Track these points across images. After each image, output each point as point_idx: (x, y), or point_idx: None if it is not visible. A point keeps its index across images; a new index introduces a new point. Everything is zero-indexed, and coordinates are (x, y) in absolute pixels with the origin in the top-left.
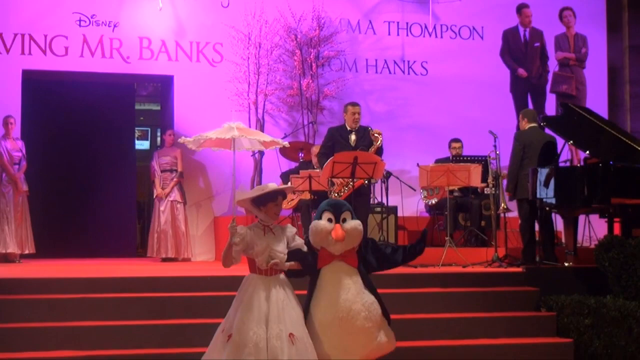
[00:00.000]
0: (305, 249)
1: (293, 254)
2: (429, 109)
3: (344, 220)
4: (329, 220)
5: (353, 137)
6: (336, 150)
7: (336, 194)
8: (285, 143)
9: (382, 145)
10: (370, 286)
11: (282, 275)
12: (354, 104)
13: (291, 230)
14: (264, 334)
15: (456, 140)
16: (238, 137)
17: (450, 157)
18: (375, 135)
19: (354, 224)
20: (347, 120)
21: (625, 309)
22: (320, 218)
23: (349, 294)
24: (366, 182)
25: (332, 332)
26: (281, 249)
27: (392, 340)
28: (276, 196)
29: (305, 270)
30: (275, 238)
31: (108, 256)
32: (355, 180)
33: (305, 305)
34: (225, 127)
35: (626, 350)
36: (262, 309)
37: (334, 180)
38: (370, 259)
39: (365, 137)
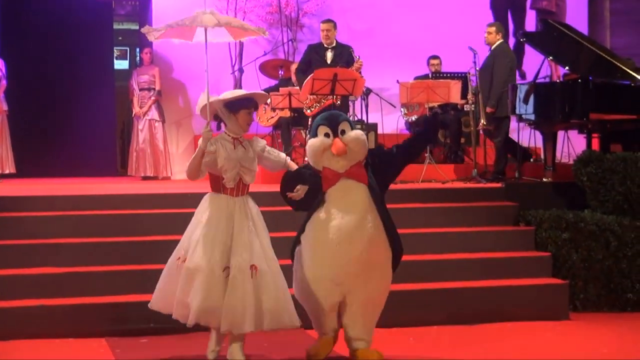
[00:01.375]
0: (284, 157)
1: (294, 178)
2: (408, 26)
3: (343, 132)
4: (326, 135)
5: (329, 54)
6: (314, 68)
7: (308, 110)
8: (264, 32)
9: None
10: (381, 208)
11: (250, 199)
12: (325, 21)
13: (260, 143)
14: (221, 261)
15: (435, 57)
16: (205, 26)
17: (430, 74)
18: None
19: (354, 134)
20: (321, 38)
21: (602, 223)
22: (315, 135)
23: (350, 218)
24: (338, 102)
25: (327, 254)
26: (253, 166)
27: (384, 282)
28: (249, 103)
29: (310, 195)
30: (246, 153)
31: (89, 175)
32: (327, 97)
33: (302, 225)
34: (193, 15)
35: (603, 264)
36: (223, 235)
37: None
38: (385, 167)
39: (343, 55)
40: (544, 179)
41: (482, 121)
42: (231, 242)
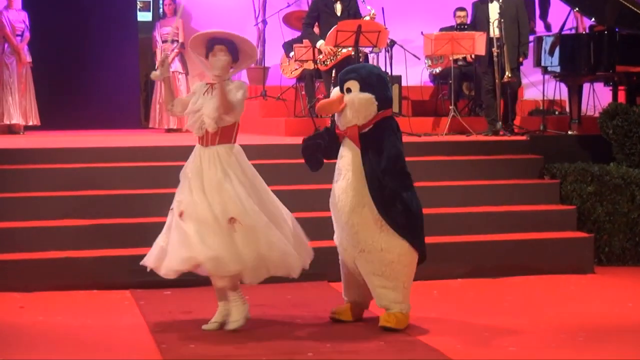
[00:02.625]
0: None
1: (314, 137)
2: None
3: (349, 91)
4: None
5: (338, 6)
6: (321, 21)
7: (322, 63)
8: None
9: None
10: (374, 180)
11: (230, 146)
12: None
13: (230, 85)
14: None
15: (461, 9)
16: None
17: (455, 26)
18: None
19: (353, 96)
20: None
21: (628, 176)
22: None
23: (341, 181)
24: (353, 54)
25: (333, 216)
26: (209, 110)
27: (379, 255)
28: (214, 43)
29: (323, 150)
30: (212, 98)
31: (112, 127)
32: (343, 50)
33: None
34: None
35: (628, 217)
36: (195, 186)
37: (322, 49)
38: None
39: (351, 6)
40: (569, 132)
41: (507, 73)
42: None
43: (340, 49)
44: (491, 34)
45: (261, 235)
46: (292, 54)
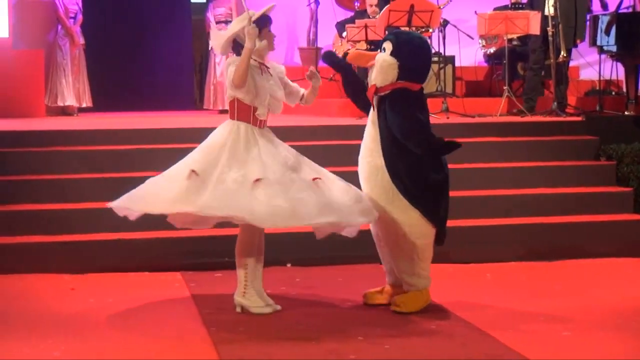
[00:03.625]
0: (302, 90)
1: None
2: None
3: (383, 50)
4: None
5: None
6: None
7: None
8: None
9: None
10: (387, 146)
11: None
12: None
13: (279, 68)
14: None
15: None
16: None
17: (509, 5)
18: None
19: (381, 55)
20: None
21: None
22: None
23: (362, 147)
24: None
25: None
26: (280, 95)
27: (386, 225)
28: (270, 19)
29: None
30: (274, 81)
31: (166, 109)
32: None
33: None
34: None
35: None
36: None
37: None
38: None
39: None
40: (626, 112)
41: (562, 53)
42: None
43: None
44: (546, 12)
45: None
46: (344, 34)
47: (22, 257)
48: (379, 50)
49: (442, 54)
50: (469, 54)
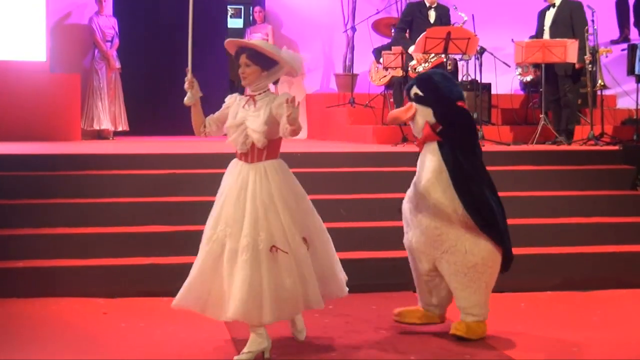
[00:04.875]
0: (288, 127)
1: None
2: None
3: (416, 96)
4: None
5: (432, 13)
6: (414, 26)
7: (413, 70)
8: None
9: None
10: (458, 178)
11: (277, 162)
12: None
13: (279, 99)
14: (225, 236)
15: None
16: None
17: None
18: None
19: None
20: None
21: None
22: None
23: (422, 183)
24: (447, 61)
25: None
26: (257, 125)
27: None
28: (236, 52)
29: None
30: (256, 111)
31: None
32: (435, 57)
33: None
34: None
35: None
36: (230, 208)
37: (414, 55)
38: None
39: (444, 15)
40: None
41: (599, 81)
42: (244, 219)
43: (431, 56)
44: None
45: (301, 269)
46: (381, 60)
47: (55, 281)
48: (408, 103)
49: (478, 81)
50: (505, 81)
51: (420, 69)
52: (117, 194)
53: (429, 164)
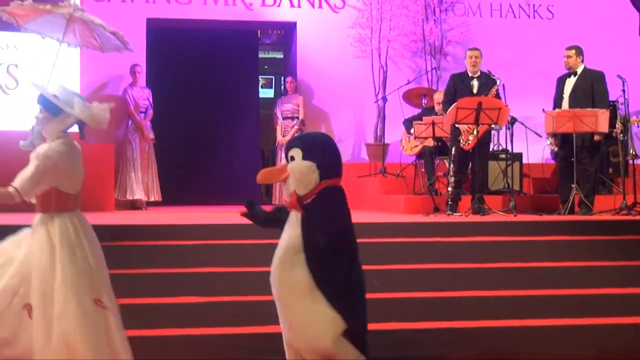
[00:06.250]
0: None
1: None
2: (554, 54)
3: (292, 159)
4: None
5: (475, 83)
6: (457, 98)
7: (465, 142)
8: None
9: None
10: (310, 252)
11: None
12: (472, 49)
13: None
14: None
15: None
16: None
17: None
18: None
19: (294, 163)
20: (467, 66)
21: None
22: None
23: (279, 249)
24: (490, 126)
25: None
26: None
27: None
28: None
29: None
30: None
31: (233, 204)
32: (480, 126)
33: None
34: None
35: None
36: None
37: (460, 127)
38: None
39: (488, 83)
40: None
41: (631, 150)
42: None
43: (477, 126)
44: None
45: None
46: (412, 130)
47: None
48: (283, 162)
49: (510, 151)
50: (536, 151)
51: (471, 138)
52: (152, 265)
53: (287, 239)
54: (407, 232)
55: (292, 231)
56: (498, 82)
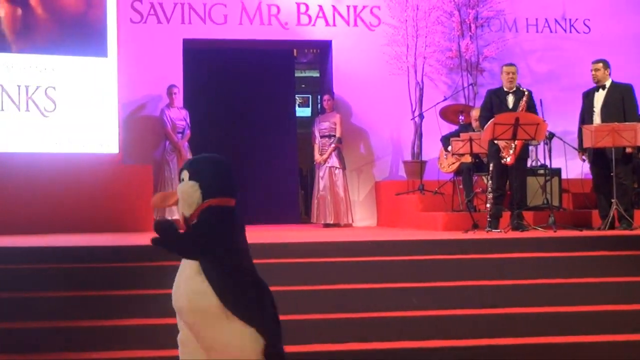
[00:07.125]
0: None
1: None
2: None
3: (182, 181)
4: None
5: (511, 98)
6: (495, 113)
7: (505, 159)
8: None
9: (533, 103)
10: (211, 269)
11: None
12: (509, 64)
13: None
14: None
15: None
16: None
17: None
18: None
19: (181, 185)
20: (503, 82)
21: None
22: None
23: (180, 277)
24: (528, 141)
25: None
26: None
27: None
28: None
29: None
30: None
31: (272, 223)
32: (516, 141)
33: None
34: None
35: None
36: None
37: (498, 142)
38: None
39: (519, 96)
40: None
41: None
42: None
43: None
44: (594, 123)
45: None
46: (449, 147)
47: None
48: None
49: (548, 166)
50: (575, 166)
51: (510, 153)
52: None
53: (187, 264)
54: (446, 250)
55: (183, 268)
56: (526, 92)
